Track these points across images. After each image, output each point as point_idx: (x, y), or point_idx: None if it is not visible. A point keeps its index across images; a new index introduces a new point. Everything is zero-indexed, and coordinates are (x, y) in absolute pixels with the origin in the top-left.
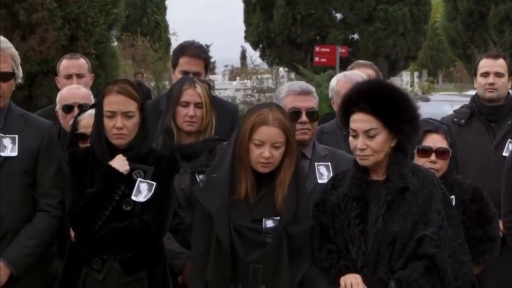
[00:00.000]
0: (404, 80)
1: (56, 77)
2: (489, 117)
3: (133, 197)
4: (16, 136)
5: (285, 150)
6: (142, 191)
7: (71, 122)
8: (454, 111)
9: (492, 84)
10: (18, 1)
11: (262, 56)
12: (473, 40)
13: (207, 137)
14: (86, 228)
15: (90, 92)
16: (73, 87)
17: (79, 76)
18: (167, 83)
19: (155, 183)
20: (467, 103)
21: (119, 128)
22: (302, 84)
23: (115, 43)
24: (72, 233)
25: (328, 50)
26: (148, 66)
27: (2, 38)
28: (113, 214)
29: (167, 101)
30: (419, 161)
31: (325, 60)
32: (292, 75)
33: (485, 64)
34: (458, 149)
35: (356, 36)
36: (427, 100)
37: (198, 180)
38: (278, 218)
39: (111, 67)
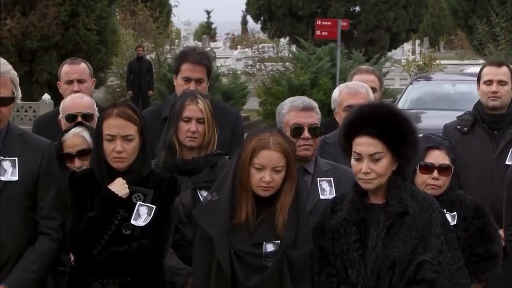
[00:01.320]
0: (406, 48)
1: (58, 82)
2: (492, 125)
3: (132, 221)
4: (16, 158)
5: (285, 174)
6: (142, 215)
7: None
8: (457, 117)
9: (495, 92)
10: None
11: (263, 29)
12: (474, 10)
13: (209, 152)
14: (85, 252)
15: (94, 101)
16: (76, 96)
17: (80, 81)
18: (168, 55)
19: (154, 207)
20: (471, 110)
21: (119, 152)
22: (305, 100)
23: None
24: (72, 257)
25: (329, 23)
26: (148, 34)
27: (2, 60)
28: (112, 238)
29: (169, 116)
30: (422, 177)
31: (326, 33)
32: (293, 47)
33: (488, 72)
34: (461, 156)
35: (357, 8)
36: (429, 79)
37: (200, 196)
38: (279, 242)
39: (112, 42)
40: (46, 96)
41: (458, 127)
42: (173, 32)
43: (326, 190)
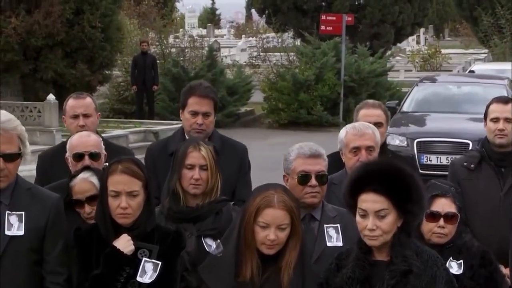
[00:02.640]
0: (410, 37)
1: (63, 116)
2: (499, 162)
3: (138, 278)
4: (23, 213)
5: (290, 231)
6: (148, 272)
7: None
8: (464, 154)
9: (501, 130)
10: None
11: (268, 23)
12: (479, 2)
13: (213, 199)
14: None
15: (101, 139)
16: (83, 135)
17: (86, 116)
18: (173, 50)
19: (160, 263)
20: (477, 147)
21: (124, 208)
22: (312, 147)
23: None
24: None
25: (334, 18)
26: (152, 24)
27: (8, 116)
28: None
29: (172, 163)
30: (428, 226)
31: (331, 28)
32: (298, 41)
33: (495, 109)
34: (467, 194)
35: (362, 2)
36: (434, 81)
37: (204, 243)
38: None
39: (116, 40)
40: (51, 97)
41: (465, 164)
42: (177, 17)
43: (333, 237)
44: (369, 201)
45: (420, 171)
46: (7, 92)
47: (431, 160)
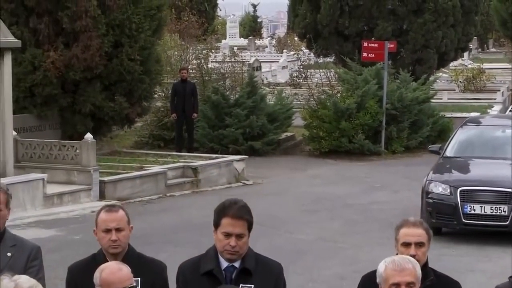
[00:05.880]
0: None
1: (94, 229)
2: None
3: None
4: None
5: None
6: None
7: None
8: (509, 278)
9: None
10: (62, 9)
11: (309, 48)
12: None
13: None
14: None
15: (127, 266)
16: (115, 269)
17: (118, 230)
18: (213, 75)
19: None
20: None
21: None
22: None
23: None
24: None
25: (376, 45)
26: (192, 39)
27: (29, 283)
28: None
29: None
30: None
31: (373, 55)
32: (339, 66)
33: None
34: None
35: (405, 27)
36: (478, 123)
37: None
38: None
39: (155, 72)
40: (89, 136)
41: None
42: (218, 24)
43: None
44: None
45: (464, 220)
46: (46, 126)
47: (474, 210)
